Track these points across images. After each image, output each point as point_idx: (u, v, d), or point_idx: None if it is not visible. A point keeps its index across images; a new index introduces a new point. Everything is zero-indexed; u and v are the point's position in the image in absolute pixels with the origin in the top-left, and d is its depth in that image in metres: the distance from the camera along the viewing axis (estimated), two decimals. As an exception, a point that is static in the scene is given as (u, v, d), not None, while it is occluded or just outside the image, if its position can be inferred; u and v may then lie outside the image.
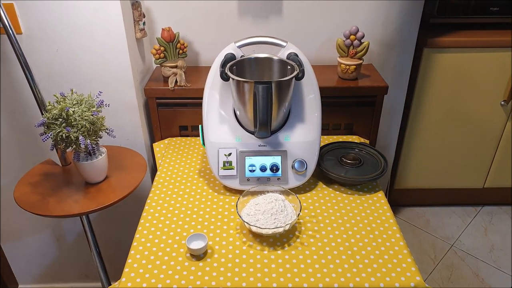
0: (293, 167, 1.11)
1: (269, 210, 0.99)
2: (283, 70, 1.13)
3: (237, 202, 1.01)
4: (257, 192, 1.06)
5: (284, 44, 1.13)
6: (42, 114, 1.15)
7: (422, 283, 0.87)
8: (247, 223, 0.96)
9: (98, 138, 1.14)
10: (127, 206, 1.53)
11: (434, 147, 2.01)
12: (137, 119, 1.39)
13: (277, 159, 1.12)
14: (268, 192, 1.06)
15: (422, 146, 2.02)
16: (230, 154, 1.12)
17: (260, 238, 0.98)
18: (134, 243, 0.97)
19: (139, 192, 1.42)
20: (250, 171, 1.11)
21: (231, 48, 1.13)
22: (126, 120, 1.39)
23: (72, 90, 1.13)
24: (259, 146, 1.13)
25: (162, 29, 1.35)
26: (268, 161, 1.12)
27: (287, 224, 0.95)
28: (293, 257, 0.93)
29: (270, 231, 0.95)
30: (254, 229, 0.96)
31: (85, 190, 1.18)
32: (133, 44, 1.32)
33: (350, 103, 1.44)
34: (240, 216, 0.97)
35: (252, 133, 1.13)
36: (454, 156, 2.01)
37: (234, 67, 1.11)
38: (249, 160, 1.12)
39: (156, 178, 1.21)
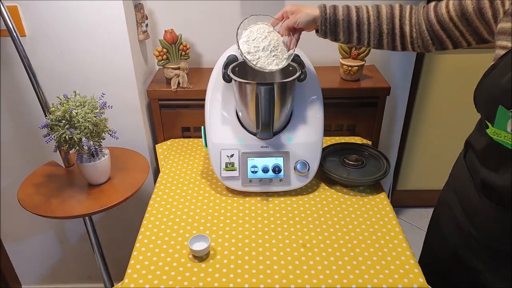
0: (295, 168, 1.11)
1: (267, 47, 1.00)
2: (286, 72, 1.13)
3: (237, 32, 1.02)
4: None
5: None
6: (46, 115, 1.15)
7: (425, 285, 0.87)
8: (250, 61, 0.98)
9: (101, 140, 1.15)
10: (129, 207, 1.53)
11: (437, 148, 2.00)
12: (140, 121, 1.40)
13: (279, 160, 1.12)
14: (257, 23, 1.06)
15: (424, 147, 2.02)
16: (232, 156, 1.12)
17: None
18: (137, 245, 0.98)
19: (142, 193, 1.43)
20: (253, 172, 1.11)
21: (233, 50, 1.14)
22: (128, 121, 1.39)
23: (75, 92, 1.13)
24: (261, 147, 1.13)
25: (165, 31, 1.35)
26: (270, 162, 1.12)
27: (286, 57, 1.01)
28: (296, 259, 0.93)
29: (274, 68, 1.00)
30: (260, 65, 0.99)
31: (88, 191, 1.19)
32: (136, 46, 1.32)
33: (353, 104, 1.44)
34: (244, 57, 0.99)
35: (254, 134, 1.13)
36: (457, 157, 2.00)
37: (236, 69, 1.11)
38: (251, 162, 1.12)
39: (158, 179, 1.21)
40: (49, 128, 1.08)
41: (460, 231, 0.91)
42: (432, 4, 0.91)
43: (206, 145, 1.16)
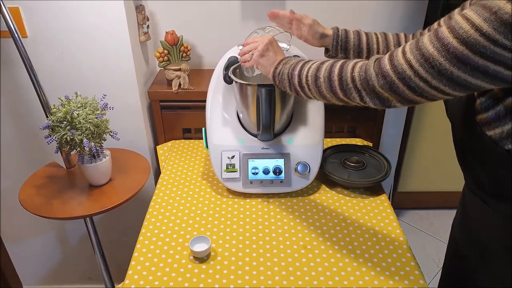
0: (296, 170, 1.11)
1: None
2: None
3: None
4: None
5: (287, 47, 1.13)
6: (47, 117, 1.16)
7: (425, 287, 0.87)
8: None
9: (102, 141, 1.15)
10: (130, 208, 1.53)
11: (438, 149, 2.00)
12: (141, 122, 1.40)
13: (280, 162, 1.12)
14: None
15: (425, 149, 2.01)
16: (233, 157, 1.12)
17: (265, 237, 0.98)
18: (138, 246, 0.98)
19: (143, 195, 1.43)
20: (253, 173, 1.12)
21: (234, 51, 1.14)
22: (130, 122, 1.39)
23: (76, 93, 1.13)
24: (262, 148, 1.13)
25: (166, 32, 1.35)
26: (271, 164, 1.12)
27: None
28: (296, 260, 0.93)
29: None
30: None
31: (89, 193, 1.19)
32: (137, 47, 1.33)
33: (353, 106, 1.44)
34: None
35: (255, 136, 1.14)
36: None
37: (237, 70, 1.11)
38: (252, 163, 1.12)
39: (159, 180, 1.21)
40: (51, 129, 1.08)
41: (461, 222, 0.92)
42: (427, 29, 0.94)
43: (207, 147, 1.16)
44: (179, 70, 1.38)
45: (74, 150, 1.11)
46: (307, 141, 1.14)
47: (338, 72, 0.75)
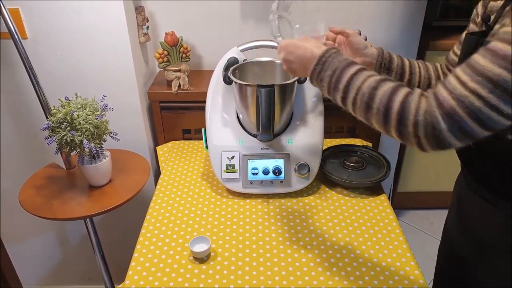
0: (296, 170, 1.12)
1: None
2: (286, 74, 1.13)
3: None
4: None
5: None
6: (47, 117, 1.16)
7: (425, 286, 0.87)
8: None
9: (102, 142, 1.15)
10: (130, 209, 1.53)
11: (437, 149, 2.00)
12: (141, 123, 1.40)
13: (280, 162, 1.12)
14: None
15: (425, 149, 2.01)
16: (233, 157, 1.13)
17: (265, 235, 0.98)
18: (138, 246, 0.98)
19: (143, 195, 1.43)
20: (253, 174, 1.12)
21: (234, 52, 1.14)
22: (129, 123, 1.39)
23: (76, 94, 1.14)
24: (261, 149, 1.13)
25: (166, 33, 1.36)
26: (271, 164, 1.12)
27: None
28: (296, 260, 0.93)
29: None
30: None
31: (89, 193, 1.19)
32: (136, 48, 1.33)
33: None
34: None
35: (255, 136, 1.14)
36: (457, 158, 2.00)
37: (236, 71, 1.11)
38: (252, 163, 1.12)
39: (159, 181, 1.22)
40: (51, 130, 1.09)
41: (457, 220, 0.92)
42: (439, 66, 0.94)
43: (207, 147, 1.16)
44: (179, 71, 1.38)
45: (74, 151, 1.11)
46: (307, 141, 1.14)
47: (398, 109, 0.62)
